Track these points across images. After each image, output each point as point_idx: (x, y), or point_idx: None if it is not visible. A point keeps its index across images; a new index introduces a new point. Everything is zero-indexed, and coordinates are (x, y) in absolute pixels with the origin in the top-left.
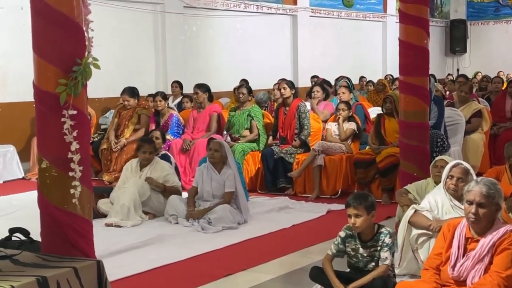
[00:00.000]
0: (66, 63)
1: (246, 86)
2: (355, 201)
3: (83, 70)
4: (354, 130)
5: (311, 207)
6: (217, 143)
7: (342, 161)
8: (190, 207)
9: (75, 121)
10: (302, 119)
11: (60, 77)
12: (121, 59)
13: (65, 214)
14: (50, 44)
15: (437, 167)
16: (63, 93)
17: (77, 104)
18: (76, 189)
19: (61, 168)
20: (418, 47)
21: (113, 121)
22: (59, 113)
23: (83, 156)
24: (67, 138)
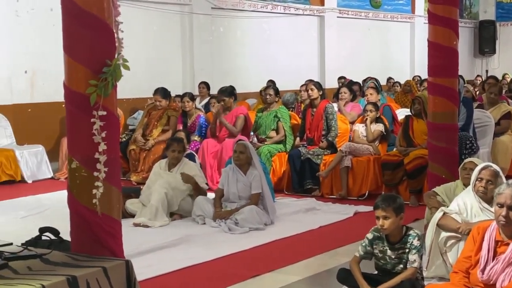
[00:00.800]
0: (96, 64)
1: (273, 87)
2: (384, 203)
3: (113, 71)
4: (382, 131)
5: (338, 208)
6: (242, 144)
7: (370, 162)
8: (217, 208)
9: (105, 122)
10: (330, 120)
11: (90, 78)
12: (149, 60)
13: (95, 214)
14: (80, 45)
15: (466, 170)
16: (93, 93)
17: (107, 105)
18: (98, 190)
19: (90, 168)
20: (447, 48)
21: (143, 120)
22: (89, 113)
23: (112, 157)
24: (95, 139)
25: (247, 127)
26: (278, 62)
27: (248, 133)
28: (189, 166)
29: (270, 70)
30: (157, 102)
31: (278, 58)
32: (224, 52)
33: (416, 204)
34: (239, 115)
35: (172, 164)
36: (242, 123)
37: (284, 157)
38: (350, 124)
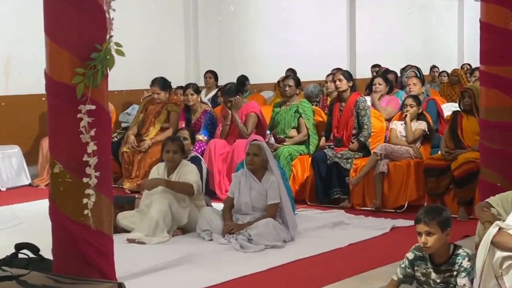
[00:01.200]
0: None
1: (294, 77)
2: (427, 216)
3: (104, 57)
4: (424, 130)
5: (372, 222)
6: (256, 145)
7: (410, 167)
8: (226, 221)
9: (94, 118)
10: (361, 117)
11: (76, 65)
12: (146, 44)
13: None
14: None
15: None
16: (80, 84)
17: (96, 97)
18: (89, 198)
19: (77, 173)
20: (503, 30)
21: (138, 116)
22: (75, 108)
23: (102, 159)
24: (83, 138)
25: (261, 125)
26: (299, 48)
27: (264, 132)
28: (186, 168)
29: (290, 57)
30: (154, 94)
31: (299, 43)
32: (235, 36)
33: (466, 218)
34: (250, 113)
35: (170, 168)
36: (254, 122)
37: (307, 161)
38: (386, 122)
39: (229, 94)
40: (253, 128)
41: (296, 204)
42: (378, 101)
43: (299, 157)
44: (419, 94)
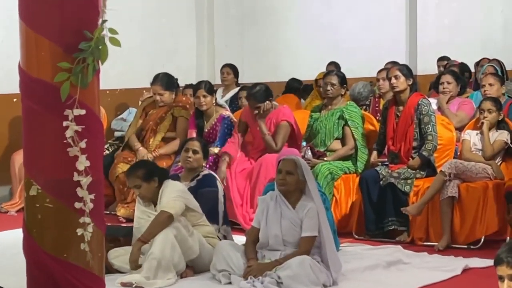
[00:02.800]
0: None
1: (337, 74)
2: (510, 255)
3: (95, 48)
4: (507, 142)
5: (438, 262)
6: (291, 161)
7: (488, 191)
8: (250, 258)
9: (84, 126)
10: (425, 124)
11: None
12: (146, 31)
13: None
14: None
15: None
16: (66, 83)
17: (86, 99)
18: (86, 229)
19: (61, 197)
20: None
21: (136, 123)
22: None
23: (95, 178)
24: (71, 152)
25: (295, 137)
26: (344, 36)
27: (298, 145)
28: (164, 191)
29: (332, 48)
30: (156, 95)
31: (344, 29)
32: (261, 20)
33: None
34: (281, 122)
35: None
36: (286, 134)
37: (354, 181)
38: (457, 131)
39: (256, 98)
40: (284, 141)
41: (340, 237)
42: (446, 105)
43: (344, 177)
44: (498, 96)
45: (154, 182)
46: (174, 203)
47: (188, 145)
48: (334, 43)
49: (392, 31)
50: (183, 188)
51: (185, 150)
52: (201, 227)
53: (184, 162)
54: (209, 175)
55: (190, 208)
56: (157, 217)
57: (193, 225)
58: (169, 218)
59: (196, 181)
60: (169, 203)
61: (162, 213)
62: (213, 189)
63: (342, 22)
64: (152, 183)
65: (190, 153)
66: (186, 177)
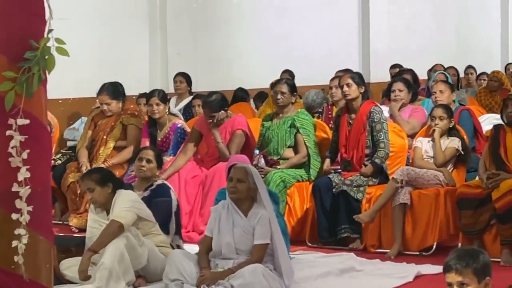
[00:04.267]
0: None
1: (287, 82)
2: (459, 262)
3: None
4: (458, 149)
5: (391, 269)
6: (241, 169)
7: (439, 197)
8: (202, 267)
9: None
10: (377, 132)
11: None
12: (99, 40)
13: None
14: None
15: None
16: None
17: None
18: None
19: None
20: None
21: (86, 134)
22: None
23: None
24: (13, 162)
25: (249, 145)
26: (297, 44)
27: (251, 152)
28: (117, 201)
29: (284, 57)
30: (103, 105)
31: (296, 39)
32: (214, 29)
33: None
34: (236, 131)
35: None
36: (241, 143)
37: (308, 189)
38: (409, 139)
39: (212, 107)
40: (238, 150)
41: (293, 245)
42: (398, 112)
43: (297, 185)
44: (449, 103)
45: (108, 188)
46: (126, 213)
47: (142, 154)
48: (287, 51)
49: (345, 39)
50: (136, 197)
51: (139, 159)
52: (154, 236)
53: (137, 171)
54: (163, 184)
55: (143, 217)
56: (107, 227)
57: (146, 234)
58: (120, 228)
59: (150, 191)
60: (121, 212)
61: (112, 223)
62: (167, 199)
63: (294, 31)
64: (106, 188)
65: (144, 162)
66: (140, 186)
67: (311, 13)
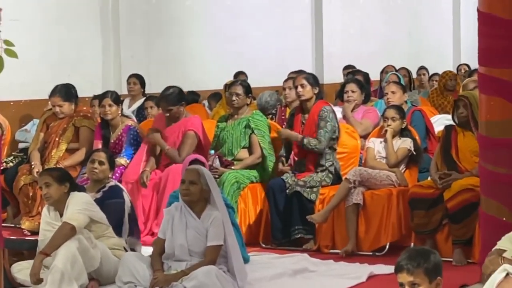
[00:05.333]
0: None
1: (242, 83)
2: (411, 262)
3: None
4: (410, 150)
5: (344, 269)
6: (194, 171)
7: (391, 198)
8: (156, 270)
9: None
10: (319, 128)
11: None
12: (51, 42)
13: None
14: None
15: None
16: None
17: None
18: None
19: None
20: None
21: (38, 136)
22: None
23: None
24: None
25: (201, 146)
26: (250, 46)
27: (206, 153)
28: (70, 202)
29: (238, 58)
30: (56, 107)
31: (249, 40)
32: (167, 30)
33: (463, 262)
34: (188, 131)
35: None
36: (193, 145)
37: (261, 190)
38: (362, 139)
39: (168, 101)
40: (189, 152)
41: (247, 246)
42: (351, 113)
43: (251, 186)
44: (401, 104)
45: (64, 187)
46: (78, 215)
47: (94, 156)
48: (240, 53)
49: (298, 40)
50: (89, 200)
51: (91, 161)
52: (107, 239)
53: (90, 173)
54: (116, 186)
55: (96, 220)
56: (59, 229)
57: (99, 237)
58: (72, 230)
59: (102, 193)
60: (73, 215)
61: (64, 225)
62: (119, 201)
63: (248, 32)
64: (62, 187)
65: (96, 164)
66: (92, 188)
67: (264, 15)
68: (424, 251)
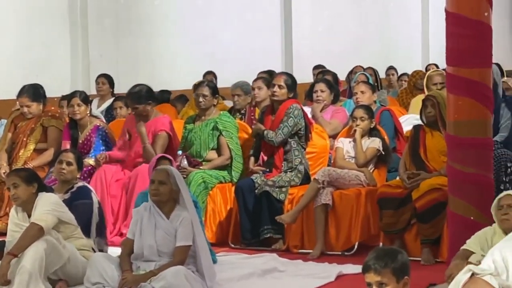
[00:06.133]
0: None
1: (208, 84)
2: (378, 262)
3: None
4: (379, 149)
5: (313, 269)
6: (163, 171)
7: (360, 197)
8: (124, 271)
9: None
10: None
11: None
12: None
13: None
14: None
15: (503, 208)
16: None
17: None
18: None
19: None
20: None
21: (5, 136)
22: None
23: None
24: None
25: (172, 146)
26: (220, 46)
27: (174, 153)
28: (38, 203)
29: (208, 58)
30: (24, 107)
31: (219, 40)
32: (136, 30)
33: (432, 261)
34: (159, 132)
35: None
36: (165, 144)
37: (230, 191)
38: (331, 139)
39: (137, 99)
40: (163, 152)
41: (216, 247)
42: (320, 113)
43: (220, 186)
44: (370, 103)
45: (33, 187)
46: (46, 216)
47: (62, 157)
48: (210, 53)
49: (268, 40)
50: (57, 200)
51: (59, 162)
52: (76, 240)
53: (57, 174)
54: (84, 187)
55: (64, 221)
56: (27, 230)
57: (68, 237)
58: (40, 231)
59: (70, 193)
60: (41, 215)
61: (32, 226)
62: (88, 201)
63: (217, 32)
64: (30, 187)
65: (64, 164)
66: (60, 189)
67: (234, 15)
68: (392, 251)
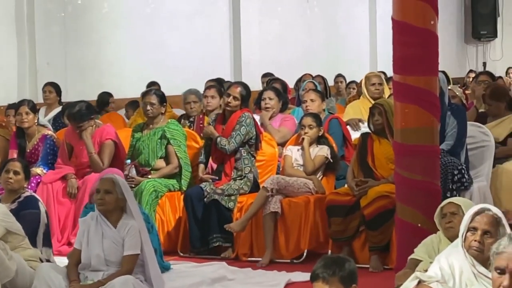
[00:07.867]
0: None
1: (156, 93)
2: (326, 271)
3: None
4: (327, 157)
5: (262, 277)
6: (108, 180)
7: (309, 205)
8: (72, 281)
9: None
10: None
11: None
12: None
13: None
14: None
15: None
16: None
17: None
18: None
19: None
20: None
21: None
22: None
23: None
24: None
25: (119, 154)
26: (169, 54)
27: (122, 162)
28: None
29: (157, 66)
30: None
31: (169, 48)
32: (84, 37)
33: (380, 268)
34: (106, 141)
35: None
36: (111, 152)
37: (179, 199)
38: (280, 147)
39: (77, 118)
40: (110, 160)
41: (165, 255)
42: (269, 121)
43: (168, 194)
44: (319, 112)
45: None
46: None
47: (9, 166)
48: (159, 60)
49: (217, 48)
50: (5, 210)
51: (6, 171)
52: (23, 250)
53: (4, 183)
54: (31, 196)
55: (12, 231)
56: None
57: (15, 248)
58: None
59: (18, 203)
60: None
61: None
62: (35, 211)
63: (167, 40)
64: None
65: (11, 174)
66: (7, 198)
67: (183, 23)
68: (339, 259)
